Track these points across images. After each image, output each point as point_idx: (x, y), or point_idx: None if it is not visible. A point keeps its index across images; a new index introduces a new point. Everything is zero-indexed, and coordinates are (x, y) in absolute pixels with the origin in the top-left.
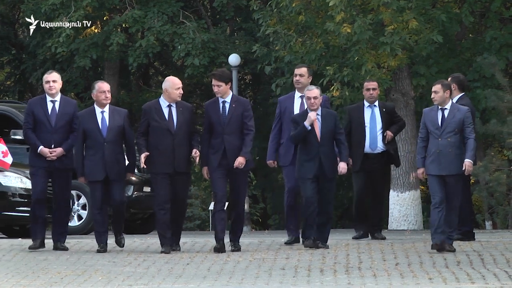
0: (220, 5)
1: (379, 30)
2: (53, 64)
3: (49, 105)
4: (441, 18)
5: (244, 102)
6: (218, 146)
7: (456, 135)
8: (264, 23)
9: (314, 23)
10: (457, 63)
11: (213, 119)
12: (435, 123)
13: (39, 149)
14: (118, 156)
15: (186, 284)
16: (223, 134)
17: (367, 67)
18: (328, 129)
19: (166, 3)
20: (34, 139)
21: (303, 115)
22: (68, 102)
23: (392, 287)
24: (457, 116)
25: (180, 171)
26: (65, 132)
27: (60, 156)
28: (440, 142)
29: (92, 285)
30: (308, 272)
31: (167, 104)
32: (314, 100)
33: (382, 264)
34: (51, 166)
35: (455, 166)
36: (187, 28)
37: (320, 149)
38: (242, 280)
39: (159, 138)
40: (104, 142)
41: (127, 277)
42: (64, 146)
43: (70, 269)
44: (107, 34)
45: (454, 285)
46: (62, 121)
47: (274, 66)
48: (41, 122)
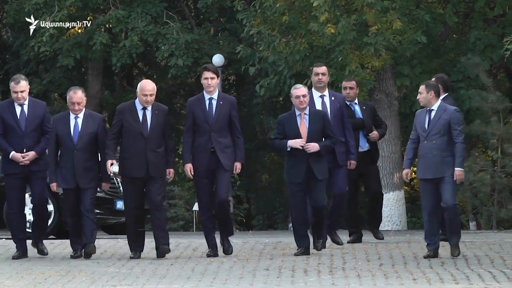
0: (205, 6)
1: (363, 31)
2: (37, 64)
3: (18, 109)
4: (425, 19)
5: (231, 100)
6: (205, 144)
7: (443, 137)
8: (248, 23)
9: (298, 23)
10: (441, 64)
11: (198, 117)
12: (422, 125)
13: (10, 154)
14: (88, 163)
15: (170, 284)
16: (210, 132)
17: (351, 68)
18: (315, 130)
19: (150, 3)
20: (4, 145)
21: (290, 117)
22: (37, 104)
23: (376, 286)
24: (443, 117)
25: (153, 176)
26: (37, 135)
27: (33, 159)
28: (426, 144)
29: (76, 285)
30: (292, 272)
31: (142, 106)
32: (303, 99)
33: (366, 265)
34: (25, 171)
35: (441, 170)
36: (170, 29)
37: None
38: (226, 280)
39: (132, 141)
40: (74, 150)
41: (111, 277)
42: (37, 149)
43: (54, 269)
44: (90, 34)
45: (438, 286)
46: (33, 124)
47: (258, 66)
48: (10, 127)
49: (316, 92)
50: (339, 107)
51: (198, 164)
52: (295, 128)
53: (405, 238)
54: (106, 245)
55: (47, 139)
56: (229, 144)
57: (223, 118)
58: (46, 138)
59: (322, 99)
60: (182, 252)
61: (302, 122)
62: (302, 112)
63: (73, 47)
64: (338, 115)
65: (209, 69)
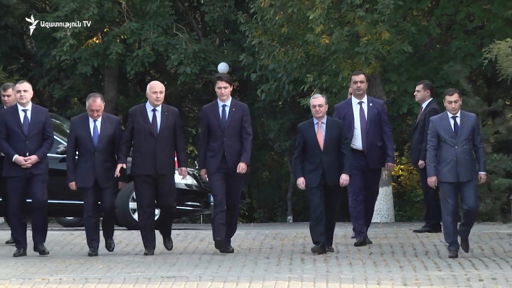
0: (211, 19)
1: (354, 41)
2: (58, 71)
3: (21, 114)
4: (411, 30)
5: (244, 107)
6: (218, 149)
7: (470, 142)
8: (250, 34)
9: (296, 34)
10: (425, 71)
11: (212, 123)
12: (449, 131)
13: (13, 157)
14: (108, 164)
15: (180, 272)
16: (223, 137)
17: (343, 75)
18: (332, 138)
19: (161, 16)
20: (8, 149)
21: (309, 125)
22: (39, 110)
23: (367, 274)
24: (469, 123)
25: (162, 174)
26: (38, 140)
27: (35, 163)
28: (457, 149)
29: (93, 272)
30: (290, 261)
31: (152, 108)
32: (319, 108)
33: (357, 254)
34: (27, 173)
35: (470, 174)
36: (180, 40)
37: (323, 157)
38: (230, 268)
39: (142, 141)
40: (94, 151)
41: (125, 265)
42: (38, 153)
43: (74, 258)
44: (107, 44)
45: (423, 273)
46: (35, 129)
47: (259, 73)
48: (14, 132)
49: (355, 99)
50: (377, 113)
51: (211, 167)
52: (313, 136)
53: (392, 230)
54: (121, 236)
55: (48, 143)
56: (241, 149)
57: (235, 124)
58: (47, 143)
59: (360, 105)
60: (190, 243)
61: (319, 130)
62: (320, 121)
63: (91, 56)
64: (376, 120)
65: (223, 79)
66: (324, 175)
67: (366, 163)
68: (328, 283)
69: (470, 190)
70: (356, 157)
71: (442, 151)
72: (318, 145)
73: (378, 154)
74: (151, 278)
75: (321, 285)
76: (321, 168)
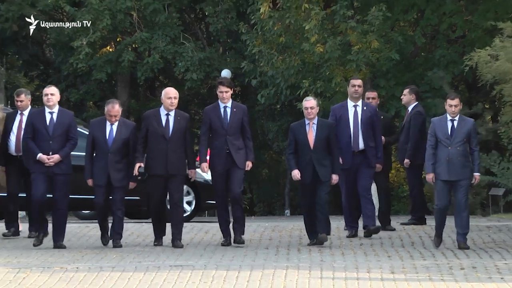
0: (215, 30)
1: (346, 50)
2: (75, 77)
3: (47, 116)
4: (398, 39)
5: (244, 108)
6: (221, 146)
7: (465, 144)
8: (250, 43)
9: (293, 43)
10: (411, 77)
11: (215, 123)
12: (445, 133)
13: (38, 156)
14: (120, 165)
15: (186, 261)
16: (225, 135)
17: (336, 80)
18: (321, 138)
19: (169, 27)
20: (33, 147)
21: (300, 125)
22: (65, 113)
23: (358, 263)
24: (465, 127)
25: (173, 173)
26: (62, 140)
27: (57, 162)
28: (451, 150)
29: (107, 262)
30: (287, 251)
31: (166, 112)
32: (311, 110)
33: (349, 245)
34: (49, 172)
35: (462, 173)
36: (186, 48)
37: (312, 155)
38: (232, 257)
39: (155, 143)
40: (108, 152)
41: (137, 255)
42: (61, 153)
43: (89, 248)
44: (119, 52)
45: (409, 262)
46: (59, 130)
47: (259, 79)
48: (39, 132)
49: (350, 102)
50: (370, 116)
51: (215, 164)
52: (304, 135)
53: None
54: (132, 228)
55: (71, 144)
56: (242, 146)
57: (236, 123)
58: (70, 143)
59: (355, 108)
60: (196, 234)
61: (310, 130)
62: (311, 122)
63: (105, 64)
64: (369, 122)
65: (224, 83)
66: (314, 172)
67: (359, 162)
68: (323, 271)
69: (460, 189)
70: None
71: (438, 150)
72: (308, 144)
73: (371, 154)
74: (160, 267)
75: (316, 273)
76: (311, 165)
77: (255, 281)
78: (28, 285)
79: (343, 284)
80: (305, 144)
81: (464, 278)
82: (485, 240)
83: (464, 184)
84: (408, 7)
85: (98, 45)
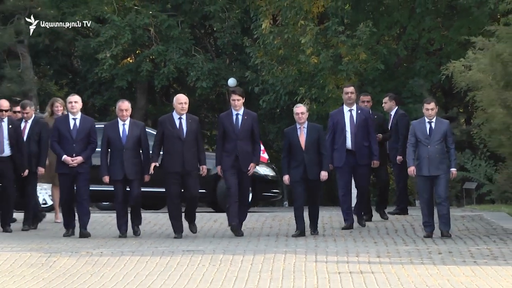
0: (222, 43)
1: (338, 61)
2: (99, 85)
3: (71, 122)
4: (383, 52)
5: (254, 115)
6: (232, 149)
7: (442, 143)
8: (253, 55)
9: (290, 55)
10: (395, 85)
11: (227, 128)
12: (424, 133)
13: (62, 157)
14: (134, 160)
15: (197, 246)
16: (236, 140)
17: (329, 88)
18: (311, 140)
19: (182, 41)
20: (59, 150)
21: (293, 129)
22: (86, 119)
23: (348, 248)
24: (442, 128)
25: (188, 170)
26: (84, 143)
27: (80, 163)
28: (430, 148)
29: (128, 247)
30: (286, 238)
31: (178, 116)
32: (301, 115)
33: (340, 232)
34: (73, 171)
35: (441, 169)
36: (197, 60)
37: (304, 156)
38: (238, 244)
39: (171, 144)
40: (123, 149)
41: (153, 241)
42: (83, 155)
43: (112, 236)
44: (139, 63)
45: (393, 247)
46: (82, 134)
47: (261, 87)
48: (64, 136)
49: (346, 107)
50: (364, 119)
51: (226, 165)
52: (296, 138)
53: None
54: (149, 217)
55: (92, 147)
56: (250, 150)
57: (246, 129)
58: (91, 146)
59: (350, 112)
60: (205, 223)
61: (301, 133)
62: (302, 126)
63: (126, 73)
64: (363, 125)
65: (237, 92)
66: (305, 171)
67: (355, 160)
68: (317, 255)
69: (441, 182)
70: (346, 155)
71: (418, 149)
72: (300, 146)
73: (365, 152)
74: (174, 252)
75: (311, 257)
76: (303, 164)
77: (257, 264)
78: (58, 268)
79: (335, 266)
80: (298, 146)
81: (442, 261)
82: (459, 228)
83: (443, 178)
84: (392, 24)
85: (119, 57)
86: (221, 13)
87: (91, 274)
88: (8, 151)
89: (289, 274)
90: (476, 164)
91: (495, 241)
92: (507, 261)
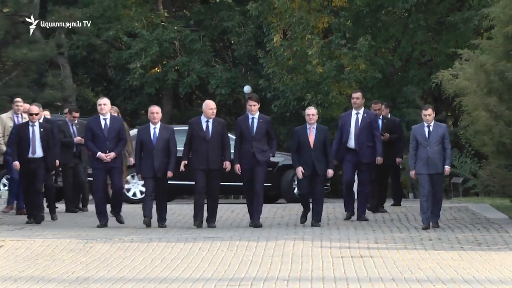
0: (239, 55)
1: (340, 70)
2: (130, 92)
3: (102, 122)
4: (380, 62)
5: (268, 119)
6: (248, 149)
7: (439, 145)
8: (266, 65)
9: (299, 65)
10: (391, 92)
11: (244, 131)
12: (424, 136)
13: (97, 154)
14: (164, 159)
15: (217, 233)
16: (252, 141)
17: (332, 94)
18: (319, 139)
19: (203, 53)
20: (93, 147)
21: (303, 129)
22: (116, 119)
23: (349, 235)
24: (439, 131)
25: (213, 168)
26: (115, 141)
27: (113, 158)
28: (429, 149)
29: (147, 234)
30: (295, 226)
31: (206, 120)
32: (312, 116)
33: (343, 222)
34: (107, 166)
35: (439, 167)
36: (217, 69)
37: (312, 154)
38: (252, 231)
39: (198, 144)
40: (153, 150)
41: (178, 229)
42: (115, 151)
43: (141, 225)
44: (165, 72)
45: (389, 234)
46: (113, 132)
47: (273, 93)
48: (97, 135)
49: (353, 110)
50: (369, 122)
51: (242, 163)
52: (306, 137)
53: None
54: (175, 208)
55: (123, 143)
56: (266, 148)
57: (261, 131)
58: (122, 142)
59: (357, 115)
60: (224, 213)
61: (311, 133)
62: (311, 126)
63: (154, 81)
64: (367, 127)
65: (253, 98)
66: (314, 167)
67: (358, 158)
68: (322, 241)
69: (437, 180)
70: (350, 154)
71: (418, 151)
72: (309, 144)
73: (367, 152)
74: (196, 238)
75: (317, 243)
76: (311, 162)
77: (270, 249)
78: (94, 253)
79: (338, 251)
80: (307, 144)
81: (432, 247)
82: (448, 217)
83: (440, 176)
84: (388, 38)
85: (148, 67)
86: (238, 28)
87: (123, 258)
88: (40, 152)
89: (297, 258)
90: (462, 161)
91: (479, 229)
92: (490, 247)
